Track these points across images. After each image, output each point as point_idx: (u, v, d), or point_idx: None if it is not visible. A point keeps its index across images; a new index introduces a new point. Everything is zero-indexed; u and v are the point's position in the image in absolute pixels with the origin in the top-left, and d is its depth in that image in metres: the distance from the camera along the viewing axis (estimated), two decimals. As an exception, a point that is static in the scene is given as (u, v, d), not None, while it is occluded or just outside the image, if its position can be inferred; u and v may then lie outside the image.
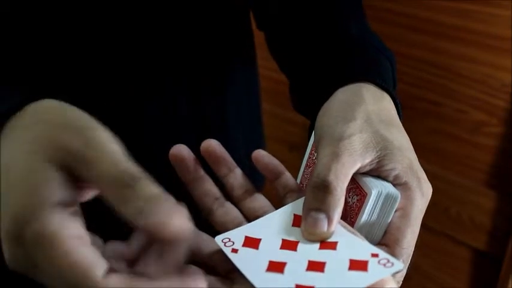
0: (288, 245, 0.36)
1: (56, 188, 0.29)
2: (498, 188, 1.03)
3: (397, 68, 0.53)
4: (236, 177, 0.41)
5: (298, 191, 0.41)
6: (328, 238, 0.36)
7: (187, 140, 0.42)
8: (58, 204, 0.29)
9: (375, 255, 0.34)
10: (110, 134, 0.31)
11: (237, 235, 0.37)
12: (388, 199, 0.39)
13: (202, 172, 0.41)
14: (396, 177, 0.40)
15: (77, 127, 0.31)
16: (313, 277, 0.33)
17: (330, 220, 0.36)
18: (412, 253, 0.40)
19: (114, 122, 0.34)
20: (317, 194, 0.37)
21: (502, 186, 1.03)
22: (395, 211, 0.40)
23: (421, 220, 0.41)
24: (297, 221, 0.38)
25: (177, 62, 0.53)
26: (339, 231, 0.37)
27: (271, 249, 0.36)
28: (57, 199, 0.29)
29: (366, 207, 0.39)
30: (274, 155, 0.42)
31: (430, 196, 0.41)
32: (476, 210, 1.07)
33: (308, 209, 0.37)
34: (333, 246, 0.36)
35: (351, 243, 0.36)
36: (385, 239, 0.40)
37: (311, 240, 0.36)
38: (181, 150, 0.39)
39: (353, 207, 0.40)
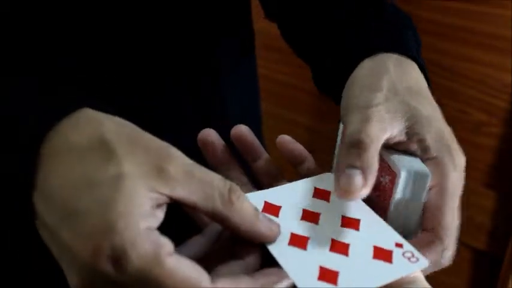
0: (309, 217, 0.36)
1: (148, 214, 0.29)
2: (498, 188, 1.04)
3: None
4: (264, 163, 0.41)
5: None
6: (362, 197, 0.35)
7: (192, 137, 0.42)
8: (149, 227, 0.29)
9: (399, 245, 0.34)
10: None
11: (256, 198, 0.37)
12: (418, 178, 0.37)
13: (229, 157, 0.40)
14: (426, 150, 0.38)
15: (170, 154, 0.31)
16: (337, 260, 0.33)
17: (365, 176, 0.35)
18: (457, 231, 0.38)
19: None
20: (351, 150, 0.36)
21: (502, 186, 1.03)
22: (430, 189, 0.38)
23: (459, 195, 0.38)
24: (317, 194, 0.38)
25: (176, 61, 0.53)
26: (360, 207, 0.37)
27: (292, 220, 0.35)
28: (149, 224, 0.29)
29: (397, 188, 0.37)
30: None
31: (463, 167, 0.39)
32: (476, 210, 1.07)
33: (342, 165, 0.36)
34: (355, 224, 0.36)
35: (374, 225, 0.36)
36: (426, 222, 0.38)
37: (344, 198, 0.35)
38: (210, 135, 0.39)
39: (386, 188, 0.39)
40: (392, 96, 0.39)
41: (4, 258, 0.52)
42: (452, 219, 0.37)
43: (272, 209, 0.36)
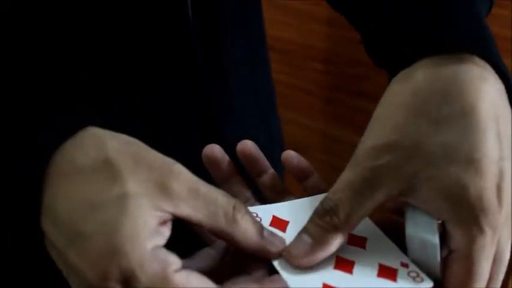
0: None
1: (154, 232, 0.30)
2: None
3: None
4: (269, 178, 0.40)
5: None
6: (304, 266, 0.33)
7: (192, 138, 0.42)
8: (155, 246, 0.29)
9: (404, 265, 0.34)
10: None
11: (265, 212, 0.37)
12: (426, 245, 0.33)
13: (234, 172, 0.40)
14: (432, 212, 0.33)
15: (174, 171, 0.31)
16: (341, 278, 0.33)
17: (314, 251, 0.33)
18: None
19: (116, 127, 0.34)
20: (319, 218, 0.34)
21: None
22: (452, 252, 0.33)
23: (488, 260, 0.33)
24: None
25: (176, 60, 0.53)
26: (368, 225, 0.36)
27: None
28: (155, 243, 0.30)
29: (407, 249, 0.35)
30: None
31: (508, 225, 0.33)
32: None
33: (306, 226, 0.34)
34: (362, 242, 0.36)
35: (380, 244, 0.35)
36: (446, 284, 0.34)
37: (286, 259, 0.33)
38: (214, 151, 0.39)
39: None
40: (406, 139, 0.32)
41: (4, 259, 0.52)
42: (475, 286, 0.33)
43: (280, 223, 0.36)
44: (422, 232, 0.33)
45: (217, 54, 0.55)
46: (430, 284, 0.33)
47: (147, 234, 0.29)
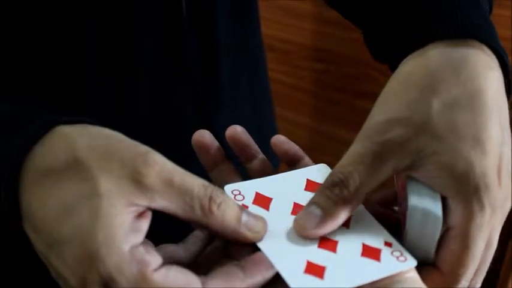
0: (299, 211, 0.35)
1: (130, 231, 0.29)
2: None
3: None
4: (259, 163, 0.40)
5: None
6: (314, 237, 0.34)
7: (186, 129, 0.42)
8: (132, 246, 0.29)
9: (388, 244, 0.34)
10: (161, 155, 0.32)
11: (247, 189, 0.37)
12: (429, 218, 0.33)
13: (223, 159, 0.40)
14: (436, 187, 0.33)
15: (147, 162, 0.31)
16: (325, 256, 0.33)
17: (323, 222, 0.33)
18: (480, 275, 0.35)
19: (109, 121, 0.34)
20: (327, 190, 0.34)
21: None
22: (450, 229, 0.34)
23: (483, 239, 0.34)
24: (309, 186, 0.38)
25: (177, 60, 0.52)
26: None
27: (282, 214, 0.35)
28: (132, 243, 0.29)
29: (407, 222, 0.34)
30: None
31: (502, 208, 0.34)
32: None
33: (313, 198, 0.34)
34: (346, 221, 0.35)
35: (365, 222, 0.36)
36: (439, 262, 0.35)
37: (297, 231, 0.34)
38: (204, 136, 0.39)
39: (404, 214, 0.36)
40: (416, 117, 0.33)
41: (4, 259, 0.52)
42: (468, 265, 0.34)
43: (263, 201, 0.36)
44: (426, 203, 0.34)
45: (210, 47, 0.55)
46: (414, 263, 0.33)
47: (122, 235, 0.29)
